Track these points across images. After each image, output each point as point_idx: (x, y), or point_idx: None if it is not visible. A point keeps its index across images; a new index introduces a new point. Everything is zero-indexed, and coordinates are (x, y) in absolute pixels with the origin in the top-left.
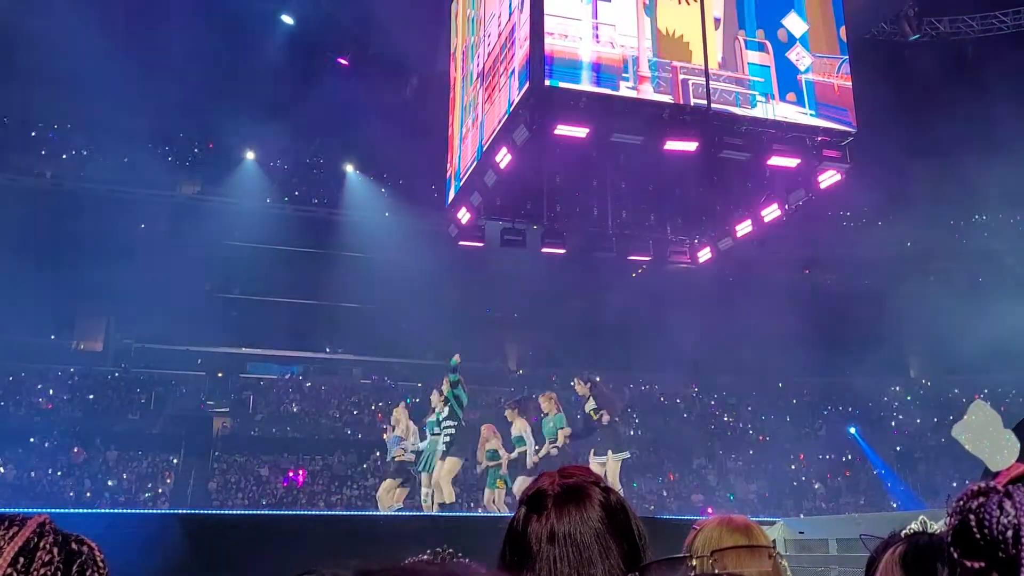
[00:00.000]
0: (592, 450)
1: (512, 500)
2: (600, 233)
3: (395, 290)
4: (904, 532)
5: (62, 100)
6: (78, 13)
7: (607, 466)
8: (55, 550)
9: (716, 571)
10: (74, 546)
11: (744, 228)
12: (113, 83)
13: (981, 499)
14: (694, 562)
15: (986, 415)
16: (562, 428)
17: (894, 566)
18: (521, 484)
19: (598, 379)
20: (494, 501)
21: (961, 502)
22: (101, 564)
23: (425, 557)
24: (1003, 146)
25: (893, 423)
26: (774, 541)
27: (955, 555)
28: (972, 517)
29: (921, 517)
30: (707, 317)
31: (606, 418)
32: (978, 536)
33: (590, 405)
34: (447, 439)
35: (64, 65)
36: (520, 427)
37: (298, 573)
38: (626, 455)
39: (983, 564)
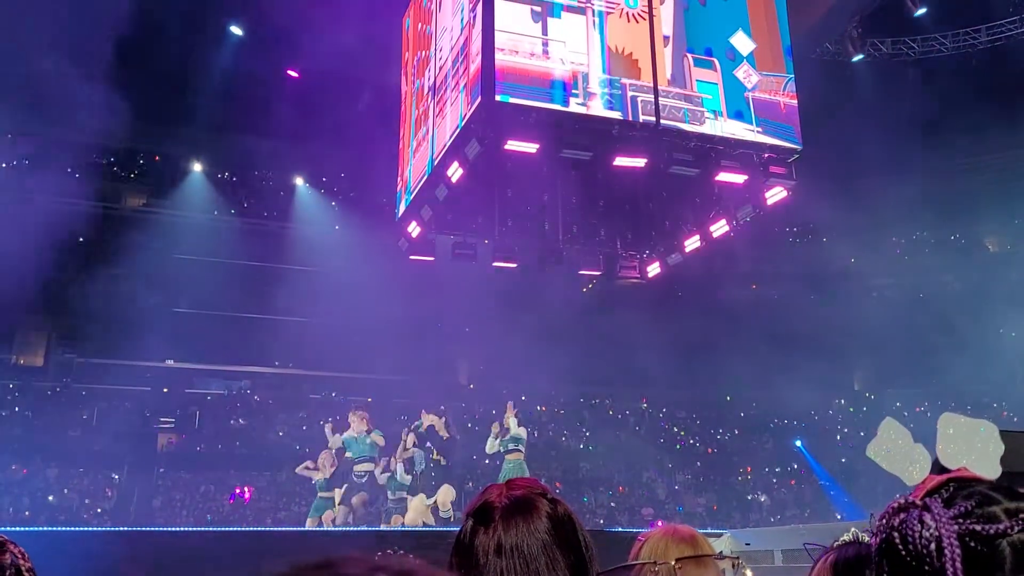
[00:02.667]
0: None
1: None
2: (551, 248)
3: (344, 304)
4: (836, 543)
5: (3, 109)
6: (18, 19)
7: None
8: None
9: None
10: None
11: (693, 243)
12: (56, 93)
13: (902, 515)
14: (656, 568)
15: (897, 432)
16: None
17: (825, 573)
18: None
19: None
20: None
21: (883, 520)
22: (26, 573)
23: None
24: (943, 166)
25: (838, 436)
26: (720, 552)
27: (885, 572)
28: (896, 535)
29: (852, 529)
30: (657, 332)
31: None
32: (904, 552)
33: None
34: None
35: (5, 73)
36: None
37: None
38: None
39: None
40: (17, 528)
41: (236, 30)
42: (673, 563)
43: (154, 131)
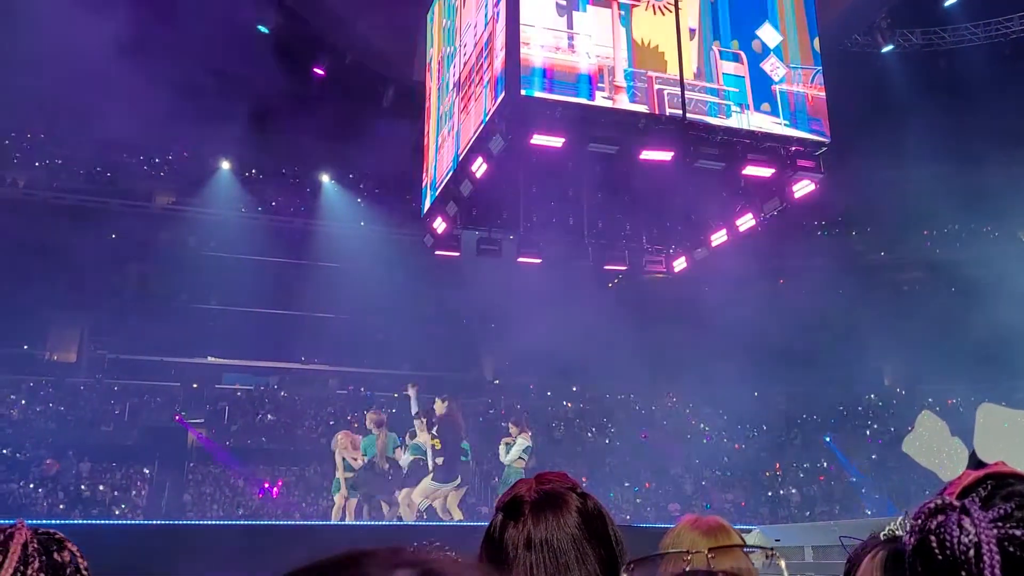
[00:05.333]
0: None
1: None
2: (576, 242)
3: (371, 300)
4: (883, 534)
5: (34, 109)
6: (49, 20)
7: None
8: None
9: (711, 567)
10: (56, 557)
11: (719, 238)
12: (86, 92)
13: (940, 517)
14: (689, 557)
15: (935, 426)
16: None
17: (875, 571)
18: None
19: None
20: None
21: (919, 520)
22: (85, 572)
23: None
24: (974, 157)
25: (868, 432)
26: (754, 544)
27: (919, 573)
28: (933, 538)
29: (900, 519)
30: (683, 327)
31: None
32: (940, 556)
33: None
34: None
35: (36, 73)
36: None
37: None
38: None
39: None
40: (53, 521)
41: (263, 28)
42: (706, 552)
43: (183, 130)
